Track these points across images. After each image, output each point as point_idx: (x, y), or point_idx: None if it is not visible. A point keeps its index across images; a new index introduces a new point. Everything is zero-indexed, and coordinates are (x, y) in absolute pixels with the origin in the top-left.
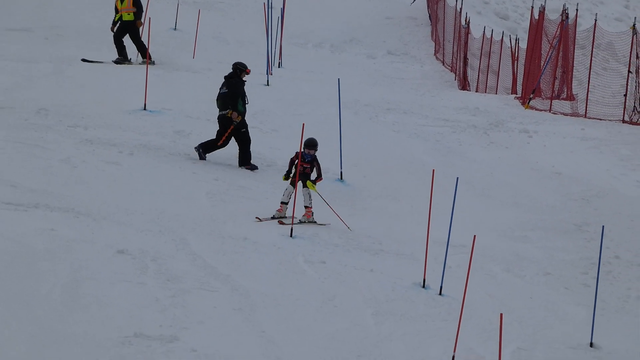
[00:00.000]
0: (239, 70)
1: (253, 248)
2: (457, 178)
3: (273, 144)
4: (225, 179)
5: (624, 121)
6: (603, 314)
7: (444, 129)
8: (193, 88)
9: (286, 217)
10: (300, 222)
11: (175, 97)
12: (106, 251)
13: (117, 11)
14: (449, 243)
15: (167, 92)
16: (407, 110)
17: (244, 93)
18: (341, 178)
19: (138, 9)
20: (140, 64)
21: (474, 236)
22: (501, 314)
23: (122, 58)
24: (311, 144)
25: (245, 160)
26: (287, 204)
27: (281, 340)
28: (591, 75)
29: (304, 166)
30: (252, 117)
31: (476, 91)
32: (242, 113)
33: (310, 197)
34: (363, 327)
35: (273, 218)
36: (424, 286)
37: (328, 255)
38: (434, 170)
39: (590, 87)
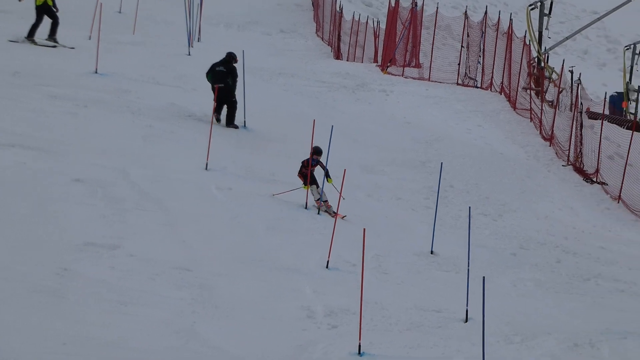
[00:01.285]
0: (232, 57)
1: (177, 178)
2: (332, 126)
3: (193, 100)
4: (157, 126)
5: (457, 84)
6: (440, 229)
7: (322, 89)
8: (133, 57)
9: (330, 207)
10: (330, 212)
11: (119, 63)
12: (65, 179)
13: None
14: (325, 175)
15: (113, 59)
16: (294, 74)
17: (237, 74)
18: (245, 125)
19: None
20: (43, 43)
21: (344, 170)
22: (364, 229)
23: (30, 36)
24: (319, 152)
25: (230, 121)
26: (321, 199)
27: (197, 247)
28: (433, 49)
29: (311, 170)
30: (177, 79)
31: (347, 60)
32: (234, 87)
33: (322, 193)
34: (259, 239)
35: (326, 211)
36: (306, 207)
37: (234, 184)
38: (314, 120)
39: (432, 58)
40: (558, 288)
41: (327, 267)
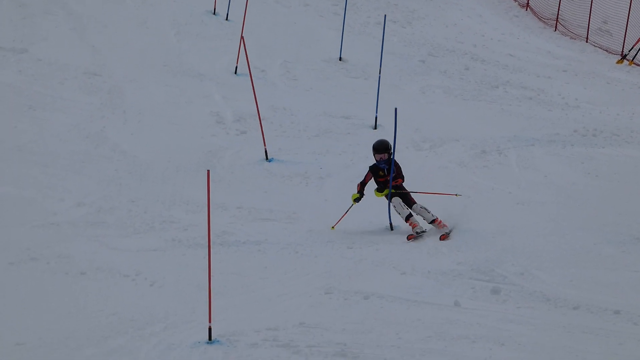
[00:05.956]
0: None
1: None
2: None
3: None
4: None
5: None
6: (349, 36)
7: None
8: None
9: (425, 231)
10: (447, 233)
11: None
12: None
13: None
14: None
15: None
16: None
17: None
18: None
19: None
20: None
21: None
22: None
23: None
24: (381, 147)
25: None
26: (412, 215)
27: (107, 52)
28: None
29: (388, 179)
30: None
31: None
32: None
33: (427, 210)
34: (168, 44)
35: (418, 234)
36: (214, 13)
37: None
38: None
39: None
40: (466, 95)
41: (235, 72)
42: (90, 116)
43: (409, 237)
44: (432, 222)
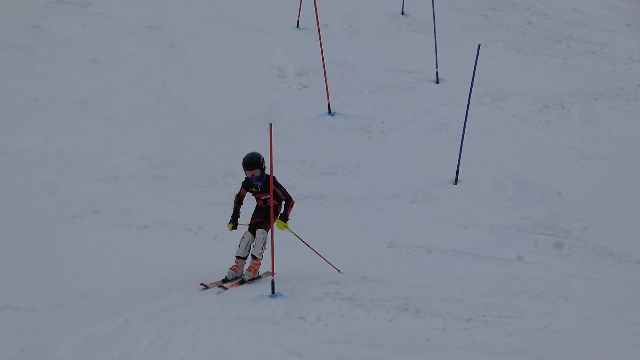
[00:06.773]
0: None
1: None
2: None
3: None
4: None
5: None
6: None
7: None
8: None
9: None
10: (244, 281)
11: None
12: None
13: None
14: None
15: None
16: None
17: None
18: None
19: None
20: None
21: None
22: None
23: None
24: (251, 162)
25: None
26: (244, 258)
27: (168, 6)
28: None
29: (263, 198)
30: None
31: None
32: None
33: (264, 245)
34: None
35: (225, 281)
36: None
37: None
38: None
39: None
40: (529, 50)
41: (297, 27)
42: (152, 70)
43: (203, 284)
44: (253, 257)
